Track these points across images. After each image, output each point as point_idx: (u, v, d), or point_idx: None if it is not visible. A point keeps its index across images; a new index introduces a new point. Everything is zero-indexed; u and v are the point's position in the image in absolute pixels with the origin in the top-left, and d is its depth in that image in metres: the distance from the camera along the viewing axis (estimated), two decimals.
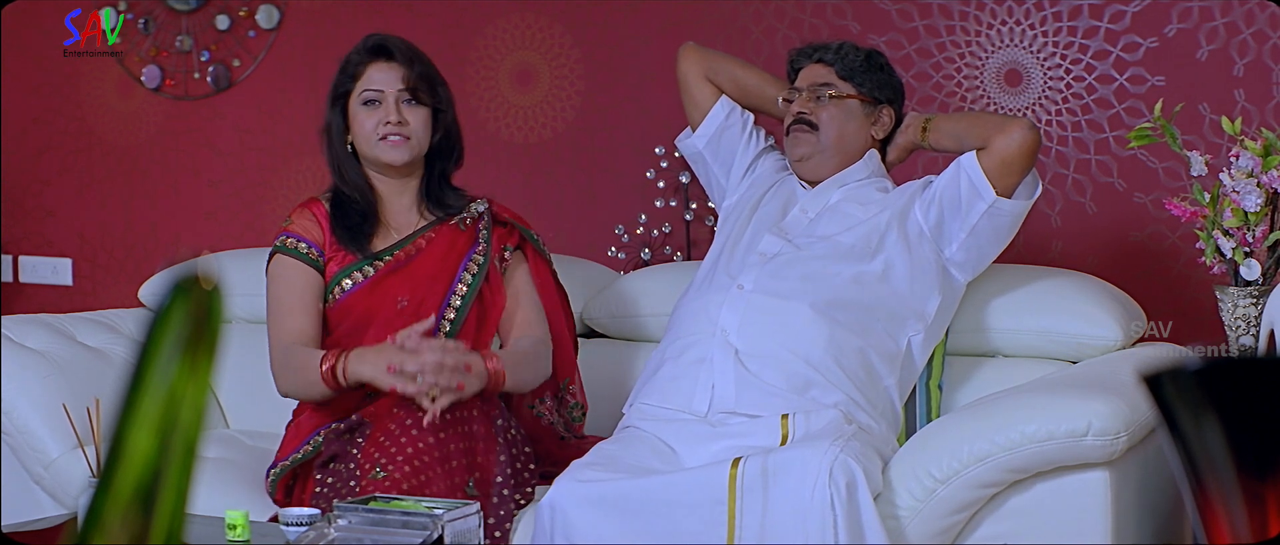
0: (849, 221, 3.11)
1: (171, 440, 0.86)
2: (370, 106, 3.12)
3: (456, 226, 3.17)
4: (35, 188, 4.64)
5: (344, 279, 3.10)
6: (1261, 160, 3.04)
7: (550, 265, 3.25)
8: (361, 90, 3.13)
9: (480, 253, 3.15)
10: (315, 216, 3.15)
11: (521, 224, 3.24)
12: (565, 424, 3.24)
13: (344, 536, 2.46)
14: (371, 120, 3.12)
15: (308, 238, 3.13)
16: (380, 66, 3.13)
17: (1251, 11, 3.48)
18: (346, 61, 3.17)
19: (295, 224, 3.15)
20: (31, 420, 3.30)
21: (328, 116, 3.17)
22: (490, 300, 3.15)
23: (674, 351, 3.04)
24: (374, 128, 3.11)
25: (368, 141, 3.13)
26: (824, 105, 3.19)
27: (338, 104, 3.16)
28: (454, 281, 3.12)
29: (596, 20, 4.01)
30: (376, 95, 3.12)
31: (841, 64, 3.21)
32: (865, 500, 2.63)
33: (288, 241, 3.13)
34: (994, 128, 3.05)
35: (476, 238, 3.17)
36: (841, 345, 2.95)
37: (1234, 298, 3.11)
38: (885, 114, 3.23)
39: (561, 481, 2.76)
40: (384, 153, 3.12)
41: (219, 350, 0.87)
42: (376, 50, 3.14)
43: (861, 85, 3.20)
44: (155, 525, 0.86)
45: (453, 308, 3.10)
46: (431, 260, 3.13)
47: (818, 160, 3.20)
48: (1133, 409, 2.71)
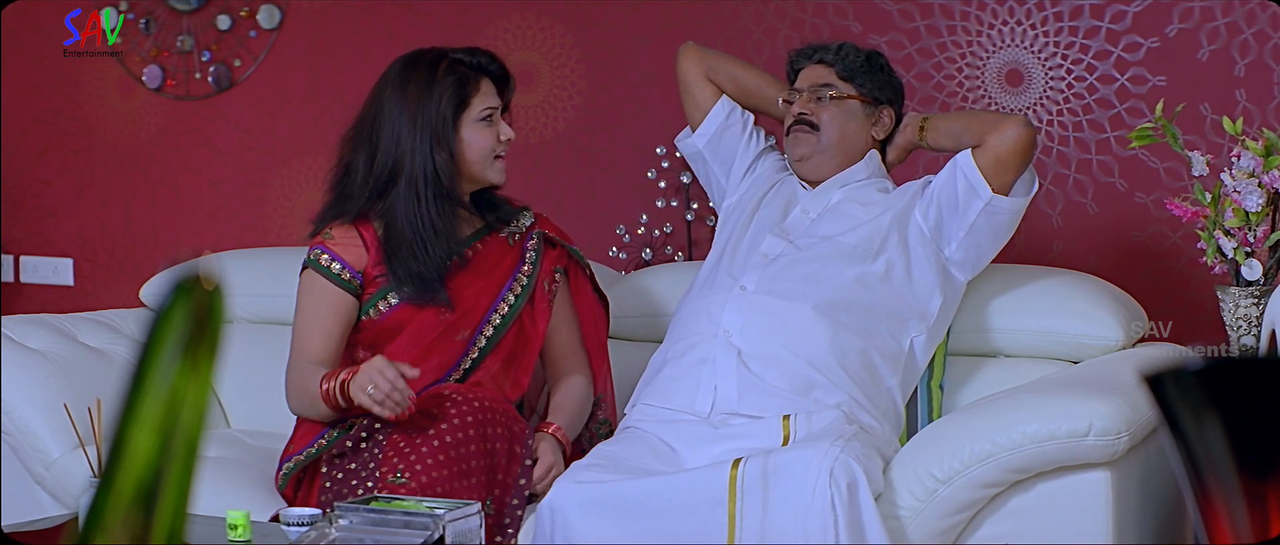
0: (851, 222, 3.11)
1: (173, 440, 0.86)
2: (486, 123, 3.03)
3: (505, 240, 3.13)
4: (36, 188, 4.64)
5: (390, 294, 3.02)
6: (1263, 160, 3.04)
7: (592, 279, 3.24)
8: (483, 108, 3.02)
9: (526, 274, 3.11)
10: (363, 239, 3.03)
11: (567, 241, 3.21)
12: (590, 439, 3.22)
13: (345, 536, 2.46)
14: (489, 137, 3.02)
15: (344, 258, 3.03)
16: (488, 83, 3.05)
17: (1252, 11, 3.48)
18: (460, 78, 3.00)
19: (335, 238, 3.04)
20: (32, 420, 3.30)
21: (440, 137, 2.97)
22: (530, 324, 3.11)
23: (676, 352, 3.04)
24: (493, 146, 3.03)
25: (485, 160, 3.03)
26: (824, 106, 3.19)
27: (453, 121, 2.99)
28: (497, 300, 3.07)
29: (597, 20, 4.01)
30: (491, 113, 3.04)
31: (842, 64, 3.21)
32: (866, 501, 2.62)
33: (321, 258, 3.03)
34: (989, 125, 3.05)
35: (524, 256, 3.13)
36: (844, 346, 2.94)
37: (1235, 298, 3.11)
38: (885, 114, 3.23)
39: (561, 483, 2.75)
40: (496, 173, 3.05)
41: (220, 350, 0.87)
42: (482, 68, 3.05)
43: (862, 86, 3.20)
44: (156, 525, 0.86)
45: (491, 324, 3.06)
46: (478, 274, 3.07)
47: (818, 160, 3.20)
48: (1134, 409, 2.71)
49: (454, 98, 3.00)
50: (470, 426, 2.85)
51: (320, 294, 3.03)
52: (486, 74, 3.05)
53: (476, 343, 3.03)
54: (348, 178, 3.06)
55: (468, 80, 3.01)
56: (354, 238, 3.04)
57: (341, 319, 3.03)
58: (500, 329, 3.06)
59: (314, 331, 3.02)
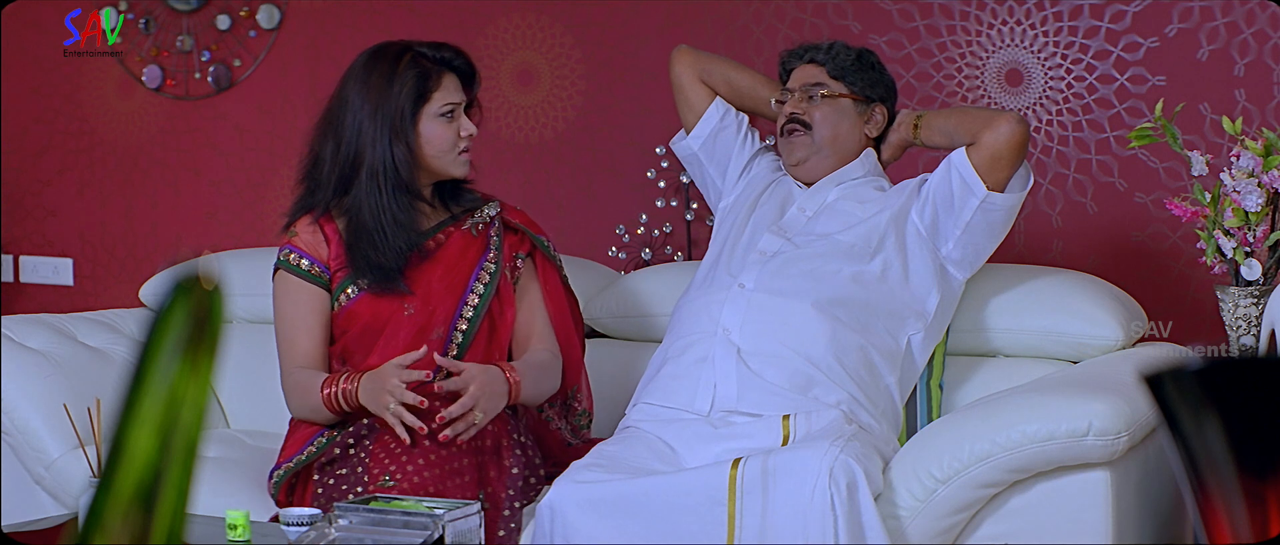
0: (848, 220, 3.11)
1: (172, 440, 0.86)
2: (447, 119, 3.05)
3: (469, 231, 3.13)
4: (36, 188, 4.64)
5: (349, 286, 3.05)
6: (1262, 160, 3.04)
7: (560, 270, 3.22)
8: (443, 104, 3.03)
9: (492, 261, 3.11)
10: (325, 234, 3.07)
11: (532, 229, 3.20)
12: (572, 430, 3.23)
13: (344, 536, 2.46)
14: (450, 133, 3.04)
15: (311, 254, 3.07)
16: (451, 78, 3.06)
17: (1252, 11, 3.48)
18: (421, 72, 3.02)
19: (300, 237, 3.08)
20: (32, 420, 3.30)
21: (398, 130, 3.00)
22: (500, 312, 3.11)
23: (675, 351, 3.04)
24: (454, 141, 3.04)
25: (447, 154, 3.05)
26: (816, 105, 3.19)
27: (412, 115, 3.02)
28: (465, 292, 3.08)
29: (597, 20, 4.01)
30: (453, 108, 3.05)
31: (833, 63, 3.21)
32: (866, 501, 2.62)
33: (291, 258, 3.07)
34: (982, 122, 3.05)
35: (488, 245, 3.13)
36: (843, 343, 2.95)
37: (1235, 298, 3.11)
38: (878, 112, 3.23)
39: (560, 483, 2.75)
40: (458, 167, 3.07)
41: (220, 350, 0.87)
42: (446, 62, 3.06)
43: (853, 84, 3.21)
44: (156, 525, 0.86)
45: (464, 318, 3.06)
46: (442, 266, 3.08)
47: (813, 162, 3.20)
48: (1134, 409, 2.71)
49: (413, 92, 3.02)
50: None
51: (296, 293, 3.06)
52: (451, 69, 3.06)
53: (453, 339, 3.04)
54: (316, 168, 3.09)
55: (429, 75, 3.03)
56: (318, 235, 3.07)
57: (320, 315, 3.06)
58: (474, 322, 3.06)
59: (298, 332, 3.05)
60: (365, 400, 2.89)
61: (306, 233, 3.08)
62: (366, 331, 3.05)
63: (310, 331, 3.05)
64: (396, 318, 3.03)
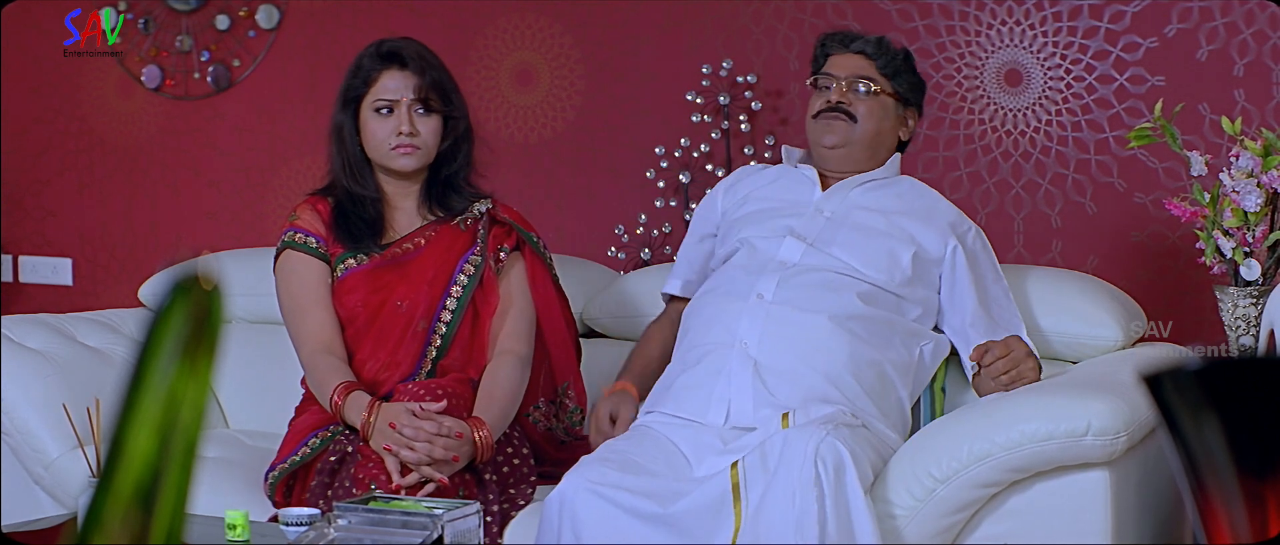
0: (869, 234, 3.06)
1: (171, 440, 0.86)
2: (382, 115, 3.11)
3: (456, 227, 3.15)
4: (35, 188, 4.64)
5: (338, 266, 3.11)
6: (1261, 160, 3.04)
7: (550, 268, 3.22)
8: (375, 99, 3.11)
9: (477, 254, 3.14)
10: (319, 212, 3.15)
11: (521, 225, 3.22)
12: (565, 428, 3.23)
13: (344, 536, 2.46)
14: (384, 129, 3.10)
15: (313, 232, 3.13)
16: (393, 74, 3.11)
17: (1251, 11, 3.48)
18: (359, 65, 3.14)
19: (302, 219, 3.15)
20: (31, 420, 3.30)
21: (338, 117, 3.16)
22: (484, 304, 3.14)
23: (691, 359, 2.99)
24: (387, 136, 3.10)
25: (380, 149, 3.11)
26: (862, 99, 3.14)
27: (349, 106, 3.14)
28: (449, 283, 3.11)
29: (597, 20, 4.01)
30: (390, 104, 3.10)
31: (883, 59, 3.16)
32: (853, 484, 2.60)
33: (296, 237, 3.14)
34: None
35: (475, 239, 3.15)
36: (860, 358, 2.92)
37: (1234, 298, 3.11)
38: (911, 116, 3.20)
39: (571, 476, 2.73)
40: (395, 161, 3.11)
41: (219, 350, 0.87)
42: (390, 57, 3.12)
43: (899, 84, 3.17)
44: (155, 525, 0.86)
45: (448, 310, 3.09)
46: (429, 260, 3.11)
47: (849, 151, 3.14)
48: (1133, 409, 2.70)
49: (351, 87, 3.14)
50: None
51: (303, 269, 3.12)
52: (394, 64, 3.11)
53: (437, 330, 3.08)
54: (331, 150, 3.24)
55: (366, 69, 3.13)
56: (313, 213, 3.16)
57: (328, 288, 3.12)
58: (457, 314, 3.09)
59: (310, 307, 3.09)
60: (373, 440, 2.91)
61: (306, 213, 3.17)
62: (362, 329, 3.09)
63: (320, 303, 3.10)
64: (389, 311, 3.07)
